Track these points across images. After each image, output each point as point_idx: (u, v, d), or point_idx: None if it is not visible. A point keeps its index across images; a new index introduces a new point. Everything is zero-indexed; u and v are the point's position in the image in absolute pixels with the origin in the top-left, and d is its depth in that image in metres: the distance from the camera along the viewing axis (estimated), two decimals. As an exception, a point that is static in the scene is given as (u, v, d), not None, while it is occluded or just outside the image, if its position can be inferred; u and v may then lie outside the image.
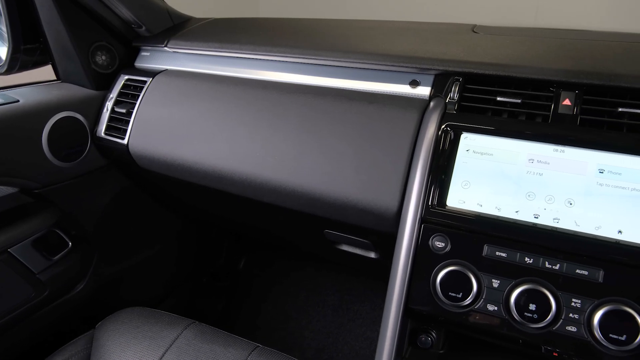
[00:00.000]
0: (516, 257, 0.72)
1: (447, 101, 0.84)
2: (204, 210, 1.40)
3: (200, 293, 1.75)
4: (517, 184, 0.75)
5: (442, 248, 0.76)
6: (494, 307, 0.73)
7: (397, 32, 1.06)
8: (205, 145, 0.98)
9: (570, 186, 0.73)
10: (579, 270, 0.69)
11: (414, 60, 0.89)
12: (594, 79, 0.77)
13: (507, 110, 0.81)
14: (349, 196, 0.84)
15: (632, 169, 0.71)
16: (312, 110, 0.90)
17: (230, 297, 1.78)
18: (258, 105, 0.95)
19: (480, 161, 0.78)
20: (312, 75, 0.98)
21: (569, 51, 0.89)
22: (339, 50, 0.97)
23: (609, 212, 0.70)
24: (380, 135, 0.84)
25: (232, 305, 1.76)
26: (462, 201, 0.77)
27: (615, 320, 0.66)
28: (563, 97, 0.78)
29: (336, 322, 1.61)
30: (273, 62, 1.03)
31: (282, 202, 0.92)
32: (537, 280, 0.71)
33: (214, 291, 1.79)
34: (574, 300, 0.69)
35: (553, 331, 0.70)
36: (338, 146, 0.86)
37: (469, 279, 0.74)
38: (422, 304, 0.78)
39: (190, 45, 1.12)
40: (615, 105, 0.76)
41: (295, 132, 0.90)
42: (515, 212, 0.74)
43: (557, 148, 0.75)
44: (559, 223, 0.72)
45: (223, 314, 1.75)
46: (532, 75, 0.80)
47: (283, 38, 1.09)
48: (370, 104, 0.87)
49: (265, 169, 0.91)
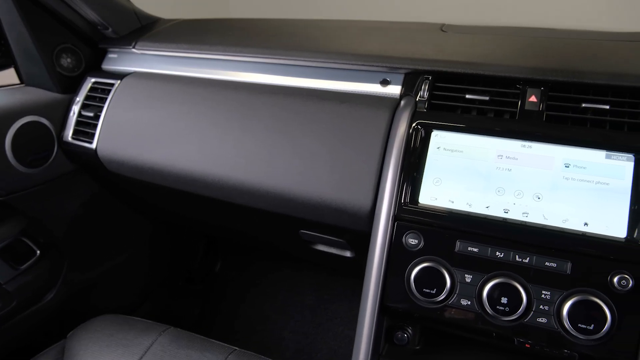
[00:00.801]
0: (487, 252, 0.74)
1: (417, 99, 0.85)
2: (177, 213, 1.38)
3: (176, 297, 1.73)
4: (487, 180, 0.76)
5: (415, 245, 0.77)
6: (467, 302, 0.74)
7: (366, 31, 1.07)
8: (176, 147, 0.96)
9: (538, 181, 0.74)
10: (548, 263, 0.71)
11: (384, 59, 0.90)
12: (558, 76, 0.79)
13: (476, 108, 0.83)
14: (322, 196, 0.84)
15: (596, 163, 0.73)
16: (284, 110, 0.90)
17: (206, 300, 1.76)
18: (229, 106, 0.94)
19: (450, 158, 0.79)
20: (283, 76, 0.98)
21: (534, 49, 0.91)
22: (310, 50, 0.97)
23: (575, 205, 0.72)
24: (352, 134, 0.84)
25: (209, 309, 1.75)
26: (434, 198, 0.78)
27: (583, 311, 0.68)
28: (529, 94, 0.80)
29: (314, 322, 1.61)
30: (243, 63, 1.02)
31: (255, 203, 0.92)
32: (508, 274, 0.72)
33: (190, 295, 1.76)
34: (543, 292, 0.71)
35: (524, 323, 0.72)
36: (310, 146, 0.86)
37: (442, 275, 0.75)
38: (397, 301, 0.78)
39: (158, 46, 1.10)
40: (579, 101, 0.78)
41: (266, 132, 0.89)
42: (485, 208, 0.76)
43: (525, 144, 0.76)
44: (528, 217, 0.74)
45: (200, 318, 1.73)
46: (499, 73, 0.82)
47: (253, 38, 1.08)
48: (341, 104, 0.88)
49: (237, 170, 0.90)
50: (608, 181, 0.72)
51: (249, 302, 1.71)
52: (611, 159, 0.72)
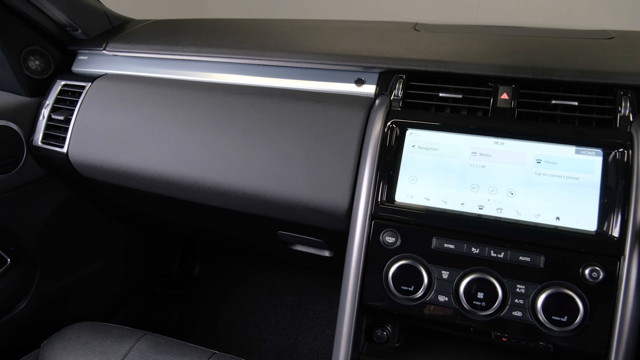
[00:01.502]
0: (463, 248, 0.75)
1: (392, 98, 0.85)
2: (153, 217, 1.36)
3: (154, 303, 1.70)
4: (461, 177, 0.77)
5: (392, 243, 0.78)
6: (445, 298, 0.75)
7: (341, 31, 1.07)
8: (150, 150, 0.95)
9: (511, 177, 0.76)
10: (522, 257, 0.72)
11: (359, 59, 0.90)
12: (528, 74, 0.81)
13: (449, 106, 0.84)
14: (299, 196, 0.84)
15: (567, 158, 0.74)
16: (259, 111, 0.89)
17: (185, 304, 1.74)
18: (203, 108, 0.93)
19: (425, 156, 0.79)
20: (258, 76, 0.97)
21: (505, 47, 0.93)
22: (284, 50, 0.97)
23: (547, 200, 0.74)
24: (328, 134, 0.84)
25: (188, 313, 1.72)
26: (410, 196, 0.79)
27: (557, 303, 0.70)
28: (501, 92, 0.81)
29: (295, 323, 1.61)
30: (218, 64, 1.01)
31: (232, 205, 0.91)
32: (484, 269, 0.73)
33: (169, 300, 1.74)
34: (518, 286, 0.72)
35: (501, 317, 0.73)
36: (286, 147, 0.85)
37: (419, 272, 0.75)
38: (376, 300, 0.79)
39: (130, 47, 1.08)
40: (549, 97, 0.79)
41: (242, 133, 0.88)
42: (461, 204, 0.77)
43: (498, 141, 0.78)
44: (502, 213, 0.75)
45: (179, 323, 1.71)
46: (472, 71, 0.83)
47: (227, 39, 1.07)
48: (317, 103, 0.88)
49: (213, 172, 0.89)
50: (578, 176, 0.73)
51: (229, 305, 1.70)
52: (581, 154, 0.74)
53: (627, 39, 0.92)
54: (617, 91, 0.77)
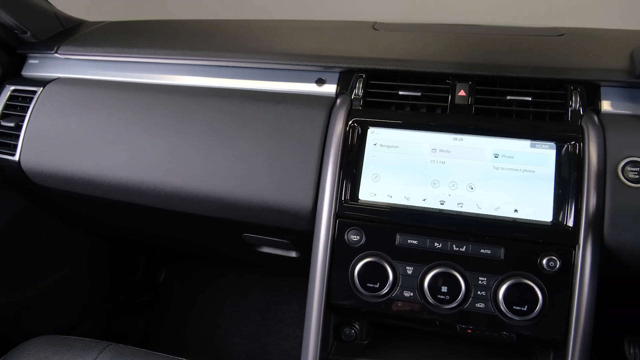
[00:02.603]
0: (426, 243, 0.76)
1: (352, 97, 0.86)
2: (114, 224, 1.32)
3: (118, 312, 1.65)
4: (422, 174, 0.79)
5: (357, 241, 0.78)
6: (410, 293, 0.76)
7: (301, 31, 1.07)
8: (107, 155, 0.92)
9: (470, 172, 0.77)
10: (483, 250, 0.74)
11: (319, 58, 0.91)
12: (484, 71, 0.83)
13: (409, 104, 0.85)
14: (263, 198, 0.83)
15: (523, 152, 0.77)
16: (219, 113, 0.88)
17: (152, 312, 1.70)
18: (161, 111, 0.91)
19: (387, 154, 0.80)
20: (218, 77, 0.96)
21: (462, 45, 0.95)
22: (244, 51, 0.96)
23: (505, 194, 0.76)
24: (290, 134, 0.84)
25: (155, 321, 1.69)
26: (373, 194, 0.79)
27: (517, 293, 0.72)
28: (458, 89, 0.83)
29: (265, 325, 1.59)
30: (176, 66, 0.99)
31: (195, 209, 0.89)
32: (447, 264, 0.75)
33: (134, 308, 1.69)
34: (480, 278, 0.74)
35: (464, 310, 0.74)
36: (248, 148, 0.84)
37: (384, 269, 0.76)
38: (343, 298, 0.79)
39: (84, 50, 1.04)
40: (504, 93, 0.82)
41: (203, 136, 0.87)
42: (422, 201, 0.78)
43: (456, 137, 0.79)
44: (462, 207, 0.76)
45: (146, 332, 1.67)
46: (430, 69, 0.85)
47: (185, 40, 1.05)
48: (278, 104, 0.87)
49: (173, 176, 0.87)
50: (534, 169, 0.76)
51: (197, 311, 1.67)
52: (535, 147, 0.77)
53: (576, 36, 0.96)
54: (568, 86, 0.80)
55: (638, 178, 0.71)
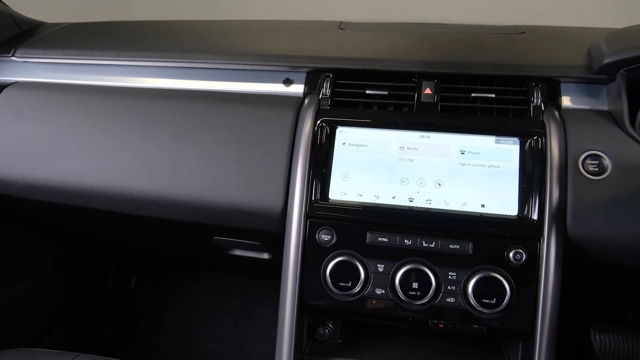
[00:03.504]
0: (396, 241, 0.77)
1: (320, 97, 0.86)
2: (81, 231, 1.29)
3: (89, 321, 1.61)
4: (391, 172, 0.79)
5: (328, 241, 0.78)
6: (382, 291, 0.76)
7: (267, 31, 1.06)
8: (70, 161, 0.89)
9: (437, 169, 0.78)
10: (452, 245, 0.75)
11: (286, 59, 0.90)
12: (449, 69, 0.84)
13: (376, 102, 0.85)
14: (232, 200, 0.82)
15: (488, 148, 0.78)
16: (186, 115, 0.87)
17: (124, 320, 1.66)
18: (126, 114, 0.89)
19: (356, 153, 0.81)
20: (183, 79, 0.94)
21: (427, 44, 0.96)
22: (210, 52, 0.95)
23: (472, 189, 0.77)
24: (258, 135, 0.83)
25: (127, 329, 1.65)
26: (343, 193, 0.80)
27: (486, 286, 0.73)
28: (424, 87, 0.84)
29: (240, 328, 1.58)
30: (140, 68, 0.97)
31: (163, 213, 0.88)
32: (417, 260, 0.76)
33: (106, 316, 1.65)
34: (450, 273, 0.75)
35: (435, 305, 0.75)
36: (216, 150, 0.83)
37: (356, 267, 0.76)
38: (315, 298, 0.79)
39: (43, 53, 1.01)
40: (469, 91, 0.83)
41: (169, 139, 0.85)
42: (392, 198, 0.78)
43: (423, 134, 0.80)
44: (431, 204, 0.77)
45: (119, 340, 1.63)
46: (396, 67, 0.85)
47: (150, 41, 1.03)
48: (245, 105, 0.86)
49: (140, 181, 0.85)
50: (499, 164, 0.77)
51: (170, 316, 1.64)
52: (500, 143, 0.78)
53: (536, 34, 0.98)
54: (529, 83, 0.82)
55: (597, 171, 0.73)
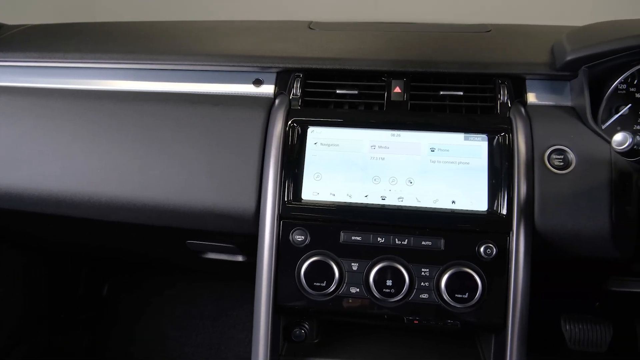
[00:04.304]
0: (370, 239, 0.77)
1: (291, 97, 0.86)
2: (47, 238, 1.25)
3: (59, 331, 1.57)
4: (363, 170, 0.80)
5: (302, 241, 0.78)
6: (357, 289, 0.77)
7: (236, 31, 1.05)
8: (35, 167, 0.86)
9: (408, 166, 0.79)
10: (424, 242, 0.76)
11: (255, 59, 0.90)
12: (417, 67, 0.85)
13: (347, 102, 0.86)
14: (204, 203, 0.81)
15: (457, 145, 0.79)
16: (154, 117, 0.85)
17: (96, 328, 1.62)
18: (92, 118, 0.87)
19: (328, 152, 0.81)
20: (151, 81, 0.92)
21: (396, 43, 0.97)
22: (179, 53, 0.93)
23: (443, 186, 0.78)
24: (229, 137, 0.82)
25: (99, 338, 1.61)
26: (316, 193, 0.79)
27: (458, 281, 0.74)
28: (394, 86, 0.85)
29: (217, 332, 1.56)
30: (105, 70, 0.94)
31: (133, 218, 0.86)
32: (391, 257, 0.76)
33: (77, 326, 1.61)
34: (423, 270, 0.76)
35: (410, 301, 0.76)
36: (186, 153, 0.82)
37: (330, 267, 0.76)
38: (290, 300, 0.79)
39: (3, 56, 0.98)
40: (437, 89, 0.84)
41: (136, 142, 0.84)
42: (364, 197, 0.79)
43: (394, 133, 0.81)
44: (403, 201, 0.78)
45: (90, 350, 1.59)
46: (365, 67, 0.86)
47: (116, 43, 1.01)
48: (215, 106, 0.85)
49: (108, 185, 0.83)
50: (468, 160, 0.78)
51: (144, 323, 1.61)
52: (469, 140, 0.79)
53: (502, 32, 1.00)
54: (496, 80, 0.84)
55: (563, 165, 0.75)
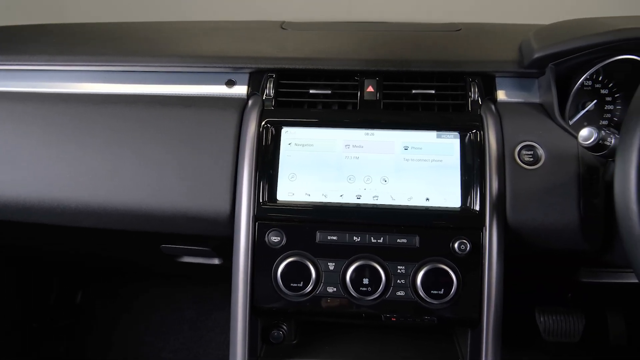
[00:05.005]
0: (346, 238, 0.77)
1: (264, 98, 0.85)
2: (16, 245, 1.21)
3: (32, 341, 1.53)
4: (338, 170, 0.80)
5: (278, 242, 0.78)
6: (334, 289, 0.77)
7: (208, 32, 1.04)
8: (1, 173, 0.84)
9: (383, 165, 0.80)
10: (399, 240, 0.77)
11: (228, 59, 0.89)
12: (389, 66, 0.85)
13: (321, 102, 0.86)
14: (177, 206, 0.80)
15: (430, 143, 0.80)
16: (124, 120, 0.84)
17: (71, 337, 1.59)
18: (60, 122, 0.85)
19: (302, 153, 0.80)
20: (121, 83, 0.90)
21: (369, 42, 0.97)
22: (148, 54, 0.92)
23: (417, 183, 0.79)
24: (202, 139, 0.81)
25: (75, 347, 1.57)
26: (291, 193, 0.79)
27: (433, 278, 0.75)
28: (367, 85, 0.85)
29: (195, 336, 1.55)
30: (74, 72, 0.92)
31: (105, 224, 0.84)
32: (367, 256, 0.77)
33: (51, 335, 1.57)
34: (399, 267, 0.76)
35: (386, 299, 0.77)
36: (158, 156, 0.81)
37: (307, 267, 0.76)
38: (268, 301, 0.78)
39: (-35, 59, 0.95)
40: (410, 88, 0.85)
41: (106, 146, 0.82)
42: (340, 197, 0.79)
43: (368, 132, 0.81)
44: (378, 200, 0.78)
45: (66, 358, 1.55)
46: (338, 66, 0.86)
47: (84, 45, 0.99)
48: (187, 108, 0.84)
49: (78, 190, 0.81)
50: (441, 158, 0.79)
51: (121, 329, 1.58)
52: (441, 138, 0.80)
53: (472, 31, 1.02)
54: (467, 78, 0.85)
55: (532, 161, 0.77)
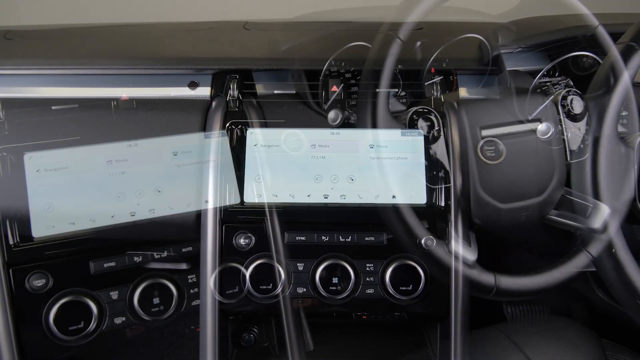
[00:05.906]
0: (314, 238, 0.77)
1: (228, 99, 0.84)
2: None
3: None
4: (305, 170, 0.80)
5: (246, 245, 0.77)
6: (303, 289, 0.77)
7: (169, 33, 1.02)
8: None
9: (349, 164, 0.80)
10: (367, 238, 0.77)
11: (190, 61, 0.88)
12: (353, 66, 0.86)
13: (286, 102, 0.85)
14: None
15: (395, 140, 0.81)
16: (80, 125, 0.81)
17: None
18: (10, 129, 0.81)
19: (268, 153, 0.80)
20: (79, 87, 0.87)
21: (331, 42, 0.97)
22: (108, 57, 0.89)
23: (383, 181, 0.79)
24: (165, 142, 0.80)
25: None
26: (258, 195, 0.79)
27: (401, 274, 0.76)
28: (331, 84, 0.85)
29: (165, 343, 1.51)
30: (28, 77, 0.88)
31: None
32: (336, 255, 0.77)
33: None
34: (367, 265, 0.77)
35: (356, 297, 0.77)
36: (119, 160, 0.79)
37: (276, 269, 0.76)
38: (236, 305, 0.78)
39: None
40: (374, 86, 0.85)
41: (65, 152, 0.79)
42: (307, 197, 0.79)
43: (333, 131, 0.81)
44: (345, 199, 0.79)
45: None
46: (302, 66, 0.86)
47: (37, 47, 0.95)
48: (149, 111, 0.82)
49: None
50: (406, 156, 0.80)
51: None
52: (406, 135, 0.81)
53: (433, 29, 1.03)
54: (429, 76, 0.86)
55: (494, 156, 0.78)
